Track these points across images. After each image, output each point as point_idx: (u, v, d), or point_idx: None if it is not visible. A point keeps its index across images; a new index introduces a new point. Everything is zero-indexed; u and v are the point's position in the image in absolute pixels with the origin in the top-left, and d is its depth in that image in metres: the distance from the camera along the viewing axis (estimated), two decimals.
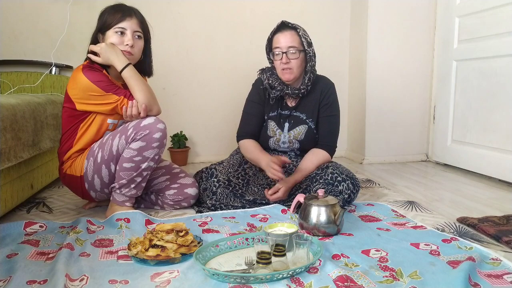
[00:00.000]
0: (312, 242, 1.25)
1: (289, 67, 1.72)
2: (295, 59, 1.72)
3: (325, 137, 1.82)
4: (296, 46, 1.71)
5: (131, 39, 1.59)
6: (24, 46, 2.58)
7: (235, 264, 1.18)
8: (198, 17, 2.81)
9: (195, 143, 2.95)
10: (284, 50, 1.71)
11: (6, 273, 1.11)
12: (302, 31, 1.73)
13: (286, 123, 1.84)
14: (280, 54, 1.72)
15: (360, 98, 2.92)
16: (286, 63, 1.72)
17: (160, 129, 1.54)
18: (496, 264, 1.16)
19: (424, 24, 2.81)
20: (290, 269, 1.09)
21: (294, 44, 1.71)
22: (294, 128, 1.83)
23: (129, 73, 1.56)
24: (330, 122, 1.83)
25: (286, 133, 1.83)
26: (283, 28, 1.74)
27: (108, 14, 1.59)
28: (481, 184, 2.24)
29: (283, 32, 1.73)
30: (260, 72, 1.87)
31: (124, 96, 1.56)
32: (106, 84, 1.55)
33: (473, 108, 2.45)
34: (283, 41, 1.71)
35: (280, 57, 1.72)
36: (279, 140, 1.84)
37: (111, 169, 1.58)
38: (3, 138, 1.43)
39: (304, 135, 1.82)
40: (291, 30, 1.72)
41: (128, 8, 1.62)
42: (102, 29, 1.60)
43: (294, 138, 1.83)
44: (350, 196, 1.66)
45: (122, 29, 1.58)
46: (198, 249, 1.19)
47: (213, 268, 1.13)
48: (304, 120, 1.83)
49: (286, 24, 1.74)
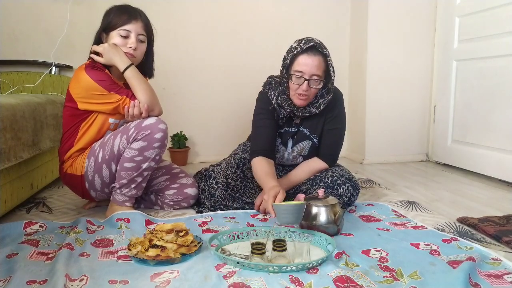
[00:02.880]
0: (315, 237, 1.28)
1: (307, 94, 1.58)
2: (315, 88, 1.59)
3: (326, 148, 1.75)
4: (321, 76, 1.57)
5: (134, 42, 1.59)
6: (24, 46, 2.58)
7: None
8: (198, 17, 2.81)
9: (195, 143, 2.95)
10: (307, 77, 1.55)
11: (6, 273, 1.11)
12: (329, 57, 1.58)
13: (290, 139, 1.77)
14: (301, 79, 1.55)
15: (360, 98, 2.92)
16: (306, 91, 1.57)
17: (162, 129, 1.54)
18: (496, 264, 1.16)
19: (424, 24, 2.81)
20: (309, 261, 1.13)
21: (319, 72, 1.56)
22: (298, 144, 1.77)
23: (131, 73, 1.56)
24: (334, 134, 1.75)
25: (289, 150, 1.78)
26: (311, 51, 1.55)
27: (114, 14, 1.59)
28: (481, 184, 2.24)
29: (311, 56, 1.54)
30: (267, 88, 1.73)
31: (126, 95, 1.56)
32: (109, 83, 1.55)
33: (473, 108, 2.45)
34: (309, 66, 1.54)
35: (301, 83, 1.56)
36: (283, 157, 1.81)
37: (112, 168, 1.58)
38: (3, 138, 1.43)
39: (308, 150, 1.77)
40: (320, 55, 1.55)
41: (134, 10, 1.62)
42: (106, 29, 1.60)
43: (298, 154, 1.78)
44: (350, 199, 1.66)
45: (127, 31, 1.58)
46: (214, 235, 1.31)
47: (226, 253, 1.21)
48: (307, 135, 1.75)
49: (316, 48, 1.55)
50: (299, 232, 1.34)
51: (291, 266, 1.11)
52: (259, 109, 1.74)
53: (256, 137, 1.73)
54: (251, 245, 1.18)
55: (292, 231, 1.33)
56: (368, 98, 2.83)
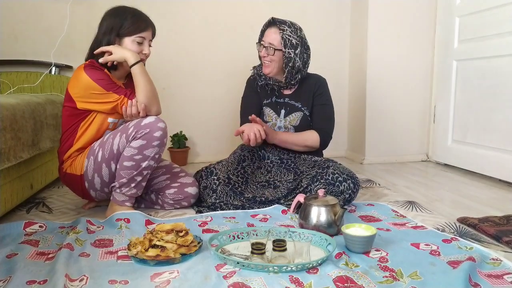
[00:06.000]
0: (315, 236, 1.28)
1: (266, 60, 1.86)
2: (270, 55, 1.83)
3: (319, 122, 1.90)
4: (275, 45, 1.81)
5: (148, 48, 1.66)
6: (24, 46, 2.58)
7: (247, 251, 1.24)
8: (198, 17, 2.81)
9: (195, 143, 2.95)
10: (266, 45, 1.84)
11: (6, 273, 1.11)
12: (288, 32, 1.81)
13: (283, 110, 1.92)
14: (261, 47, 1.87)
15: (360, 98, 2.92)
16: (263, 57, 1.86)
17: (161, 127, 1.54)
18: (496, 264, 1.16)
19: (424, 23, 2.81)
20: (309, 261, 1.13)
21: (274, 42, 1.81)
22: (290, 115, 1.91)
23: (138, 69, 1.59)
24: (324, 110, 1.91)
25: (282, 119, 1.91)
26: (271, 24, 1.86)
27: (132, 20, 1.61)
28: (482, 184, 2.24)
29: (269, 28, 1.86)
30: (253, 67, 2.00)
31: (124, 95, 1.57)
32: (107, 82, 1.56)
33: (473, 108, 2.45)
34: (266, 36, 1.85)
35: (260, 50, 1.87)
36: (275, 125, 1.92)
37: (112, 168, 1.58)
38: (3, 138, 1.42)
39: (299, 121, 1.90)
40: (276, 28, 1.83)
41: (147, 18, 1.67)
42: (120, 34, 1.61)
43: (290, 124, 1.90)
44: (351, 196, 1.67)
45: (143, 38, 1.63)
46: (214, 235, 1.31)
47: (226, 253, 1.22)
48: (299, 107, 1.91)
49: (274, 22, 1.84)
50: (299, 232, 1.34)
51: (291, 266, 1.11)
52: (246, 88, 2.03)
53: (243, 114, 1.95)
54: (251, 245, 1.18)
55: (292, 231, 1.33)
56: (368, 98, 2.83)
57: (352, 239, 1.24)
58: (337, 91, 2.86)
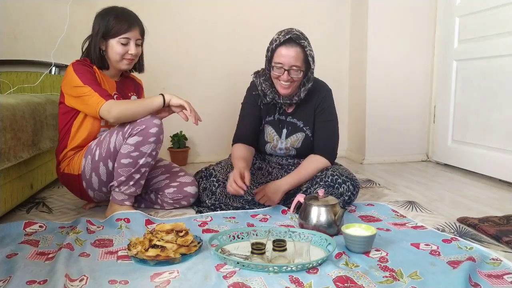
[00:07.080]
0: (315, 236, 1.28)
1: (289, 83, 1.64)
2: (297, 78, 1.63)
3: (323, 143, 1.75)
4: (300, 66, 1.60)
5: (134, 48, 1.64)
6: (24, 46, 2.58)
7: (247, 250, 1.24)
8: (198, 17, 2.81)
9: (195, 143, 2.95)
10: (287, 68, 1.60)
11: (6, 273, 1.11)
12: (308, 47, 1.62)
13: (284, 129, 1.79)
14: (281, 70, 1.61)
15: (360, 98, 2.92)
16: (287, 81, 1.62)
17: (156, 124, 1.55)
18: (496, 264, 1.16)
19: (424, 24, 2.81)
20: (309, 261, 1.13)
21: (298, 63, 1.60)
22: (291, 136, 1.79)
23: (156, 103, 1.59)
24: (327, 128, 1.76)
25: (283, 140, 1.80)
26: (289, 43, 1.59)
27: (114, 22, 1.60)
28: (482, 184, 2.24)
29: (289, 48, 1.59)
30: (254, 76, 1.80)
31: (100, 94, 1.53)
32: (87, 77, 1.56)
33: (473, 108, 2.45)
34: (287, 57, 1.59)
35: (282, 73, 1.61)
36: (276, 146, 1.82)
37: (109, 166, 1.58)
38: (3, 138, 1.42)
39: (301, 143, 1.79)
40: (297, 46, 1.59)
41: (132, 17, 1.65)
42: (105, 36, 1.61)
43: (291, 146, 1.80)
44: (351, 198, 1.66)
45: (127, 39, 1.62)
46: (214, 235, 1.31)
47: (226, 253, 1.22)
48: (301, 127, 1.78)
49: (293, 40, 1.59)
50: (299, 232, 1.34)
51: (291, 266, 1.11)
52: (247, 98, 1.85)
53: (240, 125, 1.86)
54: (251, 245, 1.18)
55: (292, 231, 1.33)
56: (368, 98, 2.83)
57: (352, 239, 1.24)
58: (337, 91, 2.82)
